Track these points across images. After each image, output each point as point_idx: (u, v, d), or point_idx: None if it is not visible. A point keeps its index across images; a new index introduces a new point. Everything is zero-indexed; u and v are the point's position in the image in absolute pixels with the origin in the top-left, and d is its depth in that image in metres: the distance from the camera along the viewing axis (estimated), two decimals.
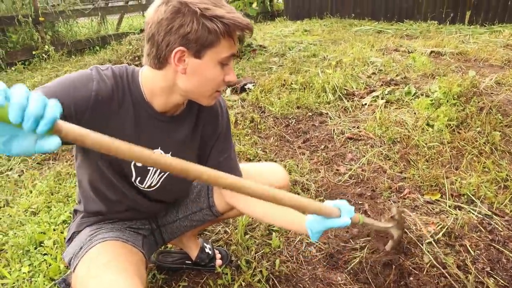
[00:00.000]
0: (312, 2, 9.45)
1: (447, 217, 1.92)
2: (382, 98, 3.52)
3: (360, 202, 2.10)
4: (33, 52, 6.03)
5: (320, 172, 2.43)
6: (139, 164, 1.12)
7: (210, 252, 1.67)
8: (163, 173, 1.19)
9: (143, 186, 1.19)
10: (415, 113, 3.17)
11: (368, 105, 3.46)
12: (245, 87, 3.94)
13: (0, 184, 2.49)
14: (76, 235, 1.23)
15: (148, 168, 1.14)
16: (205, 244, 1.68)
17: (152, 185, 1.20)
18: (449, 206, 2.02)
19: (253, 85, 3.94)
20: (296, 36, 7.16)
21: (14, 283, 1.64)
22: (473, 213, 1.94)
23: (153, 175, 1.18)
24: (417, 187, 2.23)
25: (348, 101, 3.57)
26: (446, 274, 1.53)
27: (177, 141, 1.17)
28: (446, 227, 1.81)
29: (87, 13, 7.09)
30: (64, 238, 1.60)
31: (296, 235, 1.87)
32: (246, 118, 3.23)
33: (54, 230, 1.96)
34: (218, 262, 1.68)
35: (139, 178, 1.16)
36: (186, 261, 1.69)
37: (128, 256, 1.11)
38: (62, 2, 6.97)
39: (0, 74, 5.51)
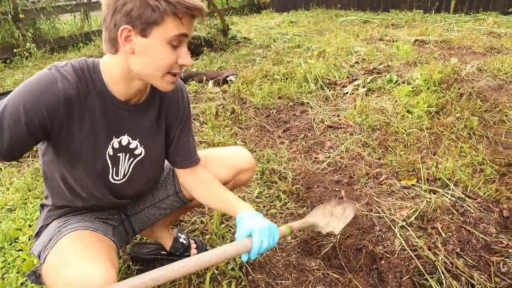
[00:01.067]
0: None
1: (421, 201, 1.94)
2: (363, 87, 3.53)
3: (337, 189, 2.11)
4: (14, 50, 5.93)
5: (298, 160, 2.43)
6: (111, 153, 1.13)
7: (184, 242, 1.66)
8: (132, 158, 1.19)
9: (118, 178, 1.19)
10: (396, 101, 3.18)
11: (350, 94, 3.47)
12: (227, 79, 3.92)
13: None
14: (44, 228, 1.23)
15: (118, 154, 1.15)
16: (179, 234, 1.67)
17: (125, 172, 1.20)
18: (424, 191, 2.03)
19: (235, 77, 3.93)
20: (282, 28, 7.14)
21: None
22: (446, 197, 1.95)
23: (124, 161, 1.18)
24: (394, 173, 2.24)
25: (329, 90, 3.57)
26: (415, 257, 1.54)
27: (144, 128, 1.18)
28: (419, 210, 1.82)
29: (69, 9, 6.98)
30: None
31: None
32: (227, 110, 3.21)
33: (29, 226, 1.94)
34: (193, 251, 1.68)
35: (114, 169, 1.17)
36: (161, 252, 1.69)
37: (99, 243, 1.11)
38: None
39: None
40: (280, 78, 3.80)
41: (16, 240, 1.85)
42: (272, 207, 2.00)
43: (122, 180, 1.21)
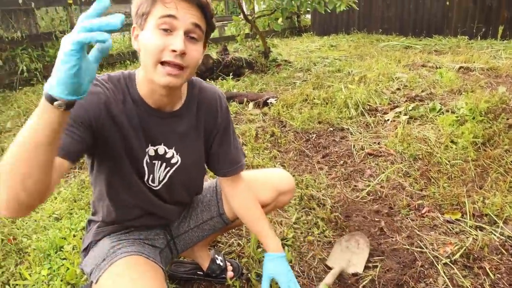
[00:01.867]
0: (339, 17, 9.46)
1: (466, 237, 1.86)
2: (405, 114, 3.47)
3: (376, 219, 2.07)
4: None
5: (337, 187, 2.41)
6: (148, 160, 1.16)
7: (221, 263, 1.68)
8: (168, 167, 1.22)
9: (154, 184, 1.22)
10: (439, 130, 3.10)
11: (391, 121, 3.42)
12: (267, 101, 3.97)
13: None
14: (93, 245, 1.26)
15: (154, 161, 1.18)
16: (216, 256, 1.69)
17: (161, 179, 1.22)
18: (470, 226, 1.96)
19: (275, 100, 3.97)
20: (322, 52, 7.18)
21: (33, 285, 1.70)
22: (494, 234, 1.87)
23: (159, 169, 1.21)
24: (437, 206, 2.17)
25: (370, 116, 3.54)
26: None
27: (179, 135, 1.20)
28: (464, 247, 1.75)
29: (119, 29, 7.35)
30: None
31: (309, 250, 1.85)
32: (267, 132, 3.25)
33: (74, 236, 2.02)
34: (229, 274, 1.69)
35: (151, 176, 1.20)
36: (198, 272, 1.70)
37: (153, 273, 1.13)
38: None
39: (37, 86, 5.78)
40: (320, 103, 3.81)
41: (61, 249, 1.93)
42: (309, 234, 1.98)
43: (159, 187, 1.23)
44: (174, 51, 0.95)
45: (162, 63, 0.97)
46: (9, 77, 5.77)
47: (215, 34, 12.38)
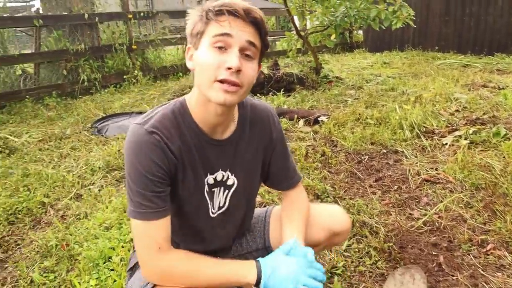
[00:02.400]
0: (393, 34, 9.21)
1: None
2: (465, 139, 3.27)
3: (434, 253, 1.93)
4: (124, 76, 6.61)
5: (391, 214, 2.29)
6: (207, 189, 1.15)
7: None
8: (227, 191, 1.20)
9: (215, 210, 1.20)
10: (504, 157, 2.89)
11: (449, 145, 3.23)
12: (318, 119, 3.91)
13: (83, 197, 2.70)
14: (139, 266, 1.26)
15: (213, 189, 1.17)
16: None
17: (221, 204, 1.20)
18: None
19: (327, 118, 3.90)
20: (375, 69, 7.01)
21: None
22: None
23: (219, 195, 1.19)
24: (504, 243, 2.00)
25: (426, 139, 3.37)
26: None
27: (235, 159, 1.18)
28: None
29: (174, 42, 7.62)
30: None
31: (360, 281, 1.76)
32: (317, 152, 3.18)
33: (122, 247, 2.05)
34: None
35: (211, 203, 1.18)
36: None
37: None
38: (153, 32, 7.59)
39: (95, 95, 6.09)
40: (373, 123, 3.69)
41: (110, 259, 1.97)
42: (361, 263, 1.89)
43: (219, 212, 1.21)
44: (229, 68, 0.95)
45: (218, 81, 0.97)
46: (71, 86, 6.13)
47: None
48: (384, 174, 2.82)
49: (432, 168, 2.86)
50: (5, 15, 6.41)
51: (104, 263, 1.95)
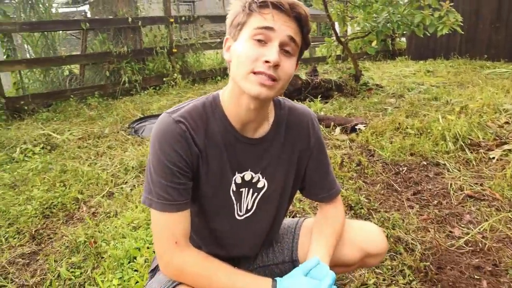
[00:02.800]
0: (438, 41, 8.85)
1: None
2: None
3: (476, 277, 1.78)
4: (164, 79, 6.75)
5: (429, 231, 2.15)
6: (234, 189, 1.11)
7: None
8: (256, 193, 1.15)
9: (241, 213, 1.15)
10: None
11: (497, 160, 3.01)
12: (355, 127, 3.78)
13: (115, 196, 2.74)
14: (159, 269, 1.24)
15: (241, 190, 1.12)
16: None
17: (249, 207, 1.16)
18: None
19: (365, 126, 3.76)
20: (417, 77, 6.75)
21: None
22: None
23: (247, 196, 1.14)
24: None
25: (471, 152, 3.16)
26: None
27: (267, 161, 1.13)
28: None
29: (213, 46, 7.71)
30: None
31: None
32: (353, 161, 3.06)
33: (148, 248, 2.04)
34: None
35: (238, 205, 1.14)
36: None
37: None
38: (194, 36, 7.71)
39: (135, 96, 6.25)
40: (414, 133, 3.52)
41: (134, 260, 1.96)
42: (393, 282, 1.77)
43: (246, 215, 1.16)
44: (267, 62, 0.92)
45: (255, 73, 0.94)
46: (113, 87, 6.33)
47: (305, 54, 12.42)
48: (423, 188, 2.66)
49: (476, 184, 2.67)
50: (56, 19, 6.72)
51: (129, 263, 1.94)
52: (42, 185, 2.91)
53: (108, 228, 2.28)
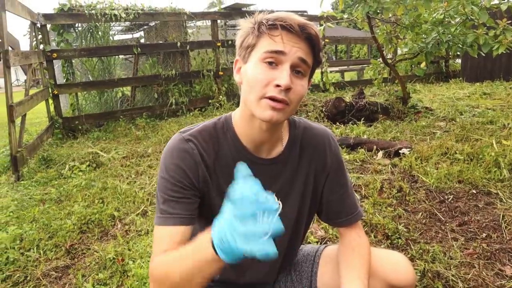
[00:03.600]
0: (497, 61, 8.35)
1: None
2: None
3: None
4: (210, 101, 6.90)
5: (474, 267, 1.94)
6: None
7: None
8: None
9: None
10: None
11: None
12: (399, 151, 3.60)
13: (148, 214, 2.77)
14: None
15: None
16: None
17: None
18: None
19: (409, 151, 3.57)
20: (472, 100, 6.37)
21: None
22: None
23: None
24: None
25: None
26: None
27: (279, 182, 1.09)
28: None
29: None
30: None
31: None
32: (394, 187, 2.89)
33: None
34: None
35: None
36: None
37: None
38: None
39: (180, 118, 6.43)
40: (463, 159, 3.28)
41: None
42: None
43: None
44: (278, 86, 0.90)
45: (266, 97, 0.92)
46: (160, 108, 6.57)
47: (353, 76, 12.18)
48: (470, 218, 2.44)
49: None
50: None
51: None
52: (83, 201, 3.02)
53: (137, 246, 2.29)
